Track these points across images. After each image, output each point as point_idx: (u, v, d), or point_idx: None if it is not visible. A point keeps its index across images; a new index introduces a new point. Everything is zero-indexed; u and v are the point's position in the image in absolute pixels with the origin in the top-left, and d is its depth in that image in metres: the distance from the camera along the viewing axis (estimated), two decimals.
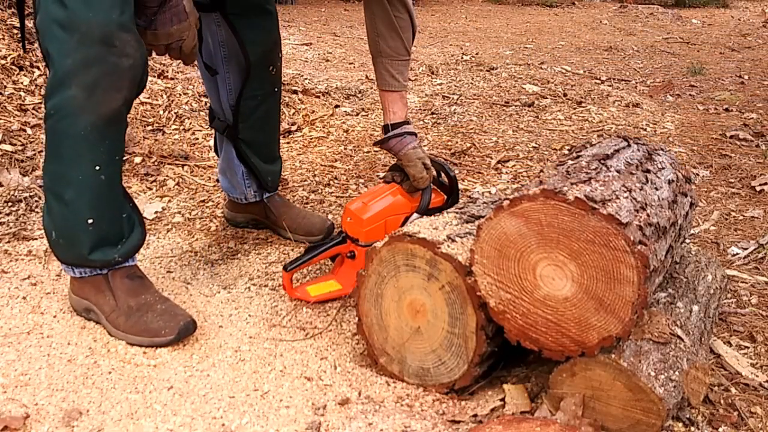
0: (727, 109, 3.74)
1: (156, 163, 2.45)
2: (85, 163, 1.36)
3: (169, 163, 2.46)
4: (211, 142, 2.72)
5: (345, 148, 2.85)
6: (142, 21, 1.36)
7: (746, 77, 4.66)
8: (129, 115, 2.72)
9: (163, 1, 1.35)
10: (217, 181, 2.37)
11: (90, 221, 1.39)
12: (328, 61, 4.81)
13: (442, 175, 1.71)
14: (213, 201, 2.23)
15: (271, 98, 1.86)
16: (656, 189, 1.27)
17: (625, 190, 1.16)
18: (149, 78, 3.07)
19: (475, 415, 1.23)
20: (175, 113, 2.89)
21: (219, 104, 1.86)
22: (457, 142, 2.97)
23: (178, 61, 1.54)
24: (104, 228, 1.42)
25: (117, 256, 1.45)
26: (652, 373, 1.10)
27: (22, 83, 2.71)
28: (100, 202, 1.40)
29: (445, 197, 1.68)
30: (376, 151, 2.83)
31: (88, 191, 1.38)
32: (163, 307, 1.45)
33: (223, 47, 1.77)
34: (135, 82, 1.36)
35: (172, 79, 3.17)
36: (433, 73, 4.41)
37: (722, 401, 1.28)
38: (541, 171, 1.33)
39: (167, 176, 2.38)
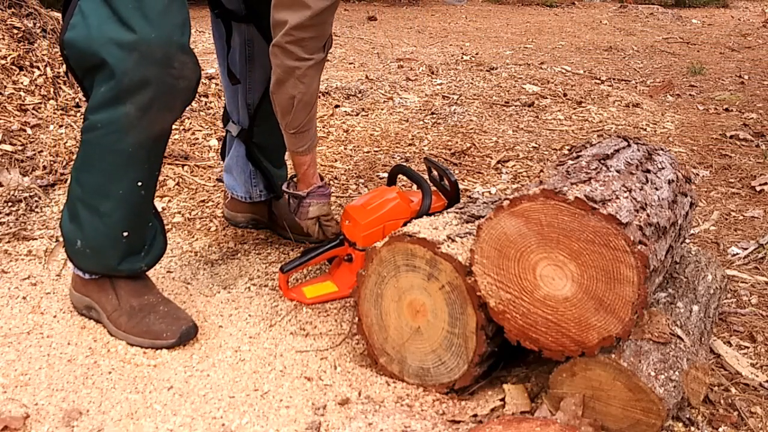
0: (727, 109, 3.74)
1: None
2: (128, 180, 1.36)
3: (169, 163, 2.46)
4: (212, 142, 2.72)
5: (345, 148, 2.85)
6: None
7: (746, 77, 4.66)
8: None
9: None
10: (218, 180, 2.37)
11: (125, 234, 1.40)
12: (328, 61, 4.81)
13: (444, 179, 1.71)
14: (213, 201, 2.23)
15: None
16: (656, 189, 1.27)
17: (625, 190, 1.16)
18: None
19: (475, 415, 1.23)
20: None
21: (236, 108, 1.86)
22: (457, 142, 2.98)
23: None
24: (135, 240, 1.44)
25: (143, 265, 1.48)
26: (652, 373, 1.10)
27: (22, 83, 2.71)
28: (136, 217, 1.42)
29: (446, 202, 1.68)
30: (376, 151, 2.83)
31: (127, 206, 1.38)
32: (165, 310, 1.45)
33: (249, 52, 1.78)
34: (187, 102, 1.38)
35: None
36: (433, 73, 4.41)
37: (722, 401, 1.28)
38: (541, 171, 1.33)
39: (167, 176, 2.38)
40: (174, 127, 2.79)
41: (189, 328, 1.42)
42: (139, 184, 1.38)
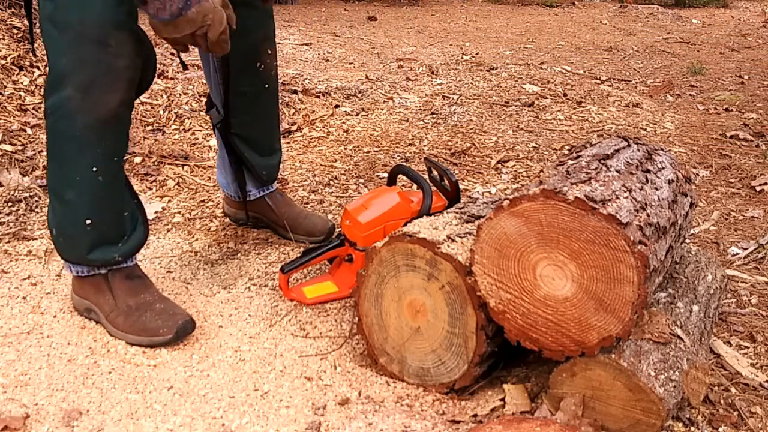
0: (727, 109, 3.74)
1: (156, 163, 2.45)
2: (83, 165, 1.34)
3: (169, 163, 2.46)
4: (212, 142, 2.72)
5: (345, 148, 2.85)
6: (157, 13, 1.20)
7: (746, 77, 4.66)
8: None
9: None
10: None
11: (88, 222, 1.38)
12: (328, 61, 4.81)
13: (444, 179, 1.71)
14: (213, 201, 2.23)
15: (264, 95, 1.77)
16: (656, 189, 1.27)
17: (625, 190, 1.16)
18: None
19: (475, 415, 1.23)
20: (175, 113, 2.89)
21: (217, 92, 1.75)
22: (457, 142, 2.97)
23: (211, 53, 1.32)
24: (103, 228, 1.41)
25: (117, 256, 1.44)
26: (652, 373, 1.10)
27: (22, 83, 2.71)
28: (99, 204, 1.39)
29: (447, 202, 1.68)
30: (376, 151, 2.83)
31: (87, 192, 1.37)
32: (161, 307, 1.45)
33: None
34: (133, 82, 1.32)
35: (172, 79, 3.17)
36: (433, 73, 4.41)
37: (722, 401, 1.28)
38: (541, 171, 1.33)
39: (167, 176, 2.38)
40: (174, 127, 2.81)
41: (185, 322, 1.42)
42: (94, 169, 1.34)
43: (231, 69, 1.61)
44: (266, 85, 1.75)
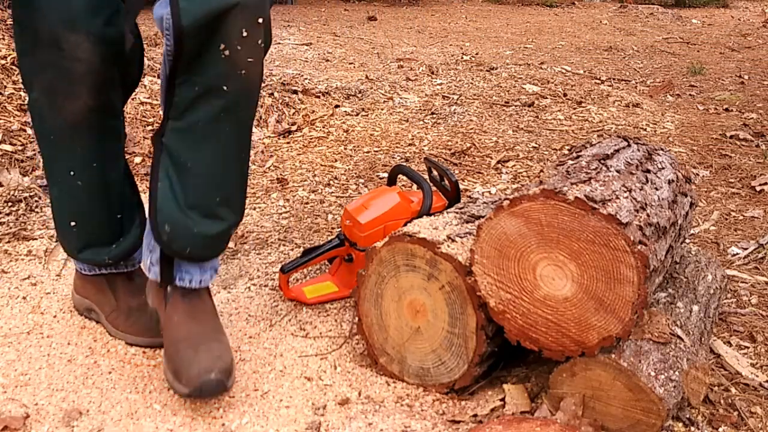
0: (727, 109, 3.74)
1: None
2: (60, 166, 1.29)
3: None
4: None
5: (345, 148, 2.85)
6: None
7: (746, 77, 4.66)
8: (129, 115, 2.73)
9: None
10: None
11: (72, 224, 1.34)
12: (328, 61, 4.81)
13: (444, 179, 1.71)
14: None
15: (221, 102, 1.13)
16: (656, 189, 1.27)
17: (625, 190, 1.16)
18: (150, 78, 3.07)
19: (475, 415, 1.23)
20: None
21: (162, 79, 1.18)
22: (457, 142, 2.97)
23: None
24: (90, 231, 1.35)
25: (107, 258, 1.38)
26: (652, 373, 1.10)
27: (22, 83, 2.71)
28: (80, 207, 1.32)
29: (447, 202, 1.68)
30: (376, 151, 2.83)
31: (67, 193, 1.31)
32: None
33: None
34: (96, 88, 1.19)
35: None
36: (433, 73, 4.41)
37: (722, 401, 1.28)
38: (541, 171, 1.33)
39: None
40: None
41: None
42: (72, 173, 1.28)
43: (183, 44, 1.08)
44: (225, 87, 1.11)
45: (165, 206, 1.17)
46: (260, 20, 1.10)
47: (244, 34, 1.09)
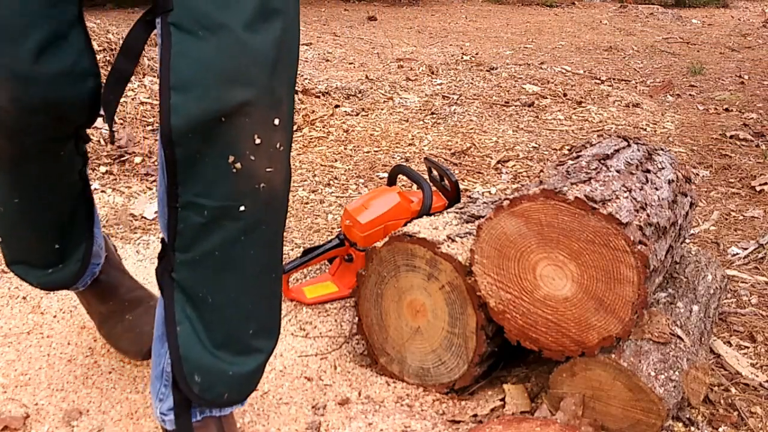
0: (727, 109, 3.74)
1: (156, 163, 2.45)
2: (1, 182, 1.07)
3: None
4: None
5: (345, 148, 2.85)
6: None
7: (746, 77, 4.66)
8: (129, 115, 2.73)
9: None
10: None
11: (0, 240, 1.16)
12: (328, 61, 4.81)
13: (444, 179, 1.71)
14: None
15: (241, 222, 0.90)
16: (656, 189, 1.27)
17: (625, 190, 1.16)
18: (150, 77, 3.07)
19: (475, 415, 1.23)
20: None
21: (160, 206, 0.94)
22: (457, 142, 2.97)
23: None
24: (19, 249, 1.17)
25: (36, 282, 1.19)
26: (652, 373, 1.10)
27: None
28: (9, 227, 1.14)
29: (447, 202, 1.68)
30: (376, 151, 2.83)
31: (1, 205, 1.10)
32: (130, 319, 1.28)
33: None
34: (20, 131, 0.94)
35: None
36: (433, 73, 4.41)
37: (722, 401, 1.28)
38: (541, 171, 1.33)
39: None
40: None
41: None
42: (4, 189, 1.06)
43: (176, 153, 0.85)
44: (241, 207, 0.88)
45: (191, 353, 0.95)
46: (277, 122, 0.87)
47: (258, 141, 0.86)
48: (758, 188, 2.46)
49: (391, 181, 1.81)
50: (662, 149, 1.51)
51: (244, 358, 0.98)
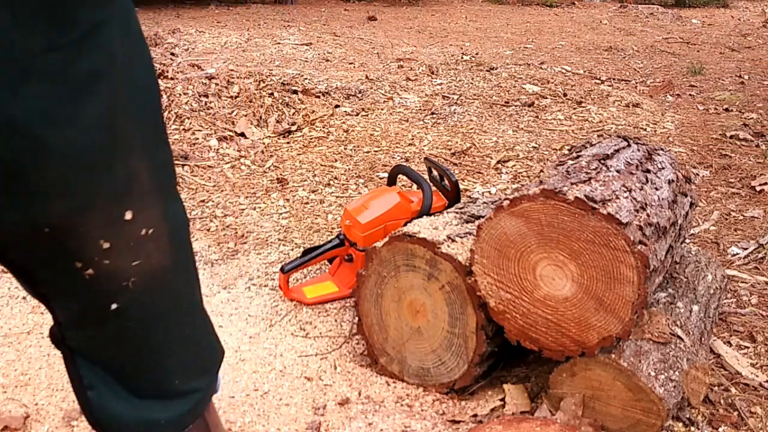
0: (727, 109, 3.74)
1: None
2: None
3: None
4: (212, 142, 2.72)
5: (345, 148, 2.85)
6: None
7: (746, 77, 4.66)
8: None
9: None
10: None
11: None
12: (328, 61, 4.81)
13: (444, 179, 1.71)
14: (213, 201, 2.23)
15: (122, 312, 0.78)
16: (656, 189, 1.27)
17: (625, 190, 1.16)
18: None
19: (475, 415, 1.23)
20: (175, 113, 2.89)
21: None
22: (457, 142, 2.97)
23: None
24: None
25: None
26: (652, 373, 1.10)
27: None
28: None
29: (447, 202, 1.68)
30: (376, 151, 2.83)
31: None
32: None
33: None
34: None
35: (172, 79, 3.17)
36: (433, 73, 4.41)
37: (722, 401, 1.28)
38: (541, 171, 1.33)
39: None
40: (174, 127, 2.81)
41: None
42: None
43: (17, 263, 0.75)
44: (113, 305, 0.78)
45: (113, 413, 0.83)
46: (128, 215, 0.71)
47: (105, 245, 0.71)
48: (758, 188, 2.46)
49: (391, 181, 1.80)
50: (662, 149, 1.51)
51: (179, 400, 0.89)
